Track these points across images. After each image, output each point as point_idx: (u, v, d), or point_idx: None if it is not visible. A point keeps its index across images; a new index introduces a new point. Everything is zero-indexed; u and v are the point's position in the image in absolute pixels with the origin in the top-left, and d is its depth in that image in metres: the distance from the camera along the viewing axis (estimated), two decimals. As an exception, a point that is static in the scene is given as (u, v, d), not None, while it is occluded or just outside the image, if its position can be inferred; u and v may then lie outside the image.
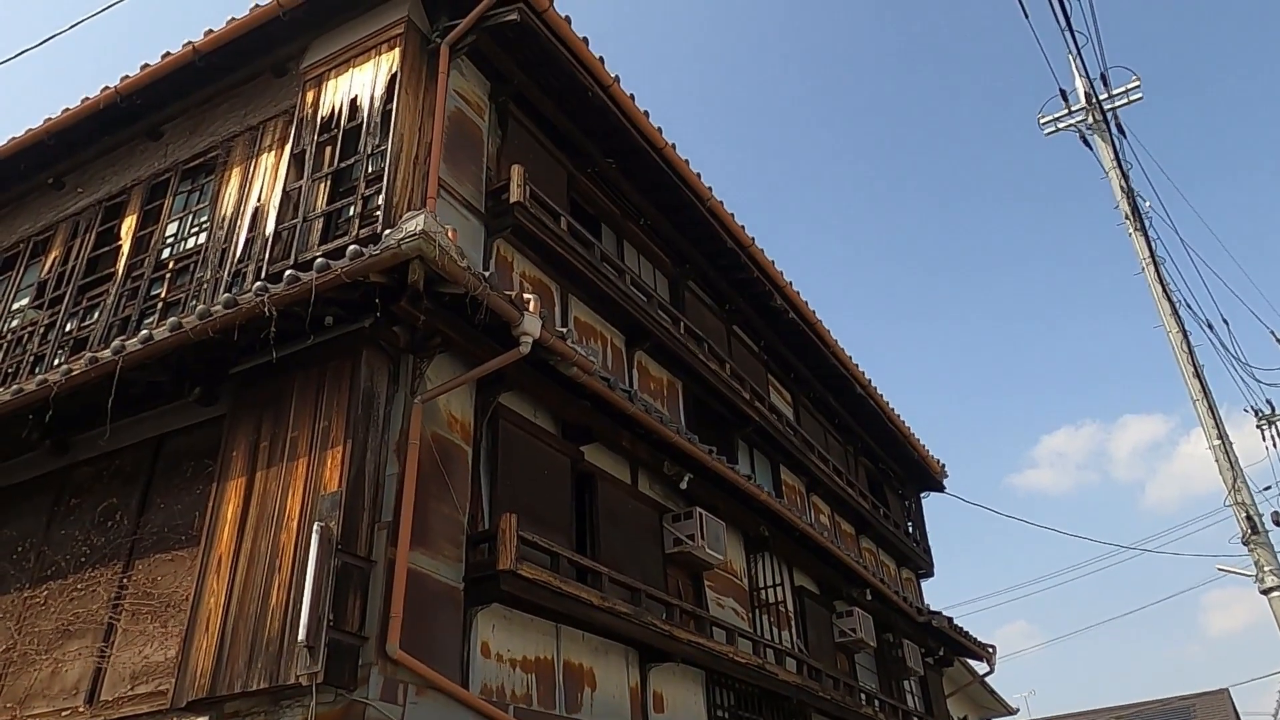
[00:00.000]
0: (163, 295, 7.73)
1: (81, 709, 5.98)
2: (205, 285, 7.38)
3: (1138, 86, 14.01)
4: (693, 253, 11.10)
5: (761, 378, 12.53)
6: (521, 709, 6.17)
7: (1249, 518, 11.51)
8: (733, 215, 10.76)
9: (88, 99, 8.78)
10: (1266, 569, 11.02)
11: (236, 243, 7.47)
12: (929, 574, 17.33)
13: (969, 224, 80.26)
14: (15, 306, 9.06)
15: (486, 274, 5.97)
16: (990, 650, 16.18)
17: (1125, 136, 13.95)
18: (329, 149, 7.35)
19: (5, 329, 8.87)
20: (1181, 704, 30.12)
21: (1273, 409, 16.83)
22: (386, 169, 6.77)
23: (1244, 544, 11.70)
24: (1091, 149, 14.27)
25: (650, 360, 9.71)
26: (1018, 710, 22.76)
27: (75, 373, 6.38)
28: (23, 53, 7.52)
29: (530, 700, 6.34)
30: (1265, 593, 11.06)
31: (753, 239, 11.16)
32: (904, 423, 16.19)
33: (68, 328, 8.24)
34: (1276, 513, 12.61)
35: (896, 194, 74.59)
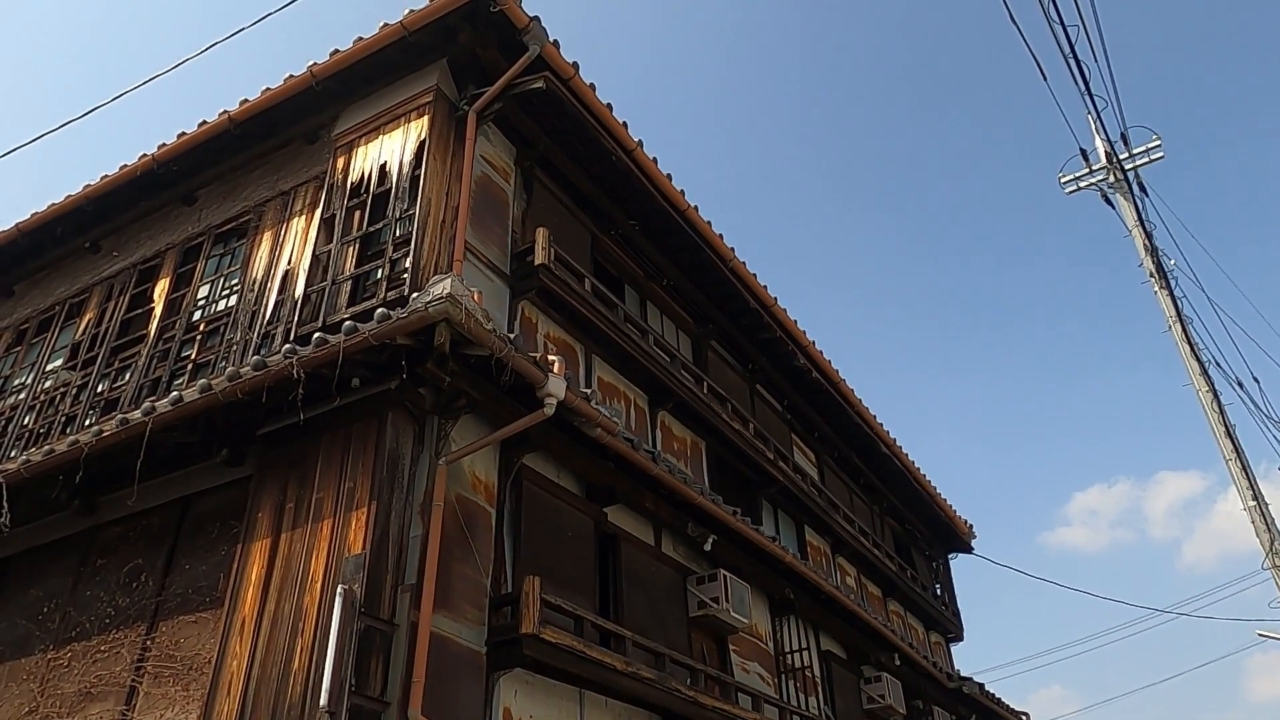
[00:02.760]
0: (193, 356, 7.85)
1: (101, 774, 5.93)
2: (235, 347, 7.49)
3: (1159, 145, 14.07)
4: (715, 313, 11.16)
5: (785, 437, 12.47)
6: (544, 777, 6.06)
7: (1288, 581, 11.23)
8: (755, 275, 10.84)
9: (125, 166, 9.04)
10: (1308, 634, 10.73)
11: (266, 305, 7.59)
12: (958, 638, 16.96)
13: (994, 281, 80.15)
14: (49, 367, 9.22)
15: (511, 336, 6.03)
16: (1024, 718, 15.75)
17: (1147, 194, 13.96)
18: (358, 213, 7.50)
19: (39, 389, 9.01)
20: (1224, 775, 29.12)
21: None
22: (414, 233, 6.89)
23: (1284, 608, 11.41)
24: (1114, 207, 14.32)
25: (673, 420, 9.70)
26: (1053, 780, 22.04)
27: (106, 434, 6.46)
28: (68, 123, 7.77)
29: (552, 768, 6.22)
30: (1308, 659, 10.75)
31: (775, 299, 11.21)
32: (930, 483, 16.01)
33: (99, 388, 8.37)
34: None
35: (919, 252, 74.77)
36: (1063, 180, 15.10)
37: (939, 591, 17.21)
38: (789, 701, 9.49)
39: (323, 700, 4.82)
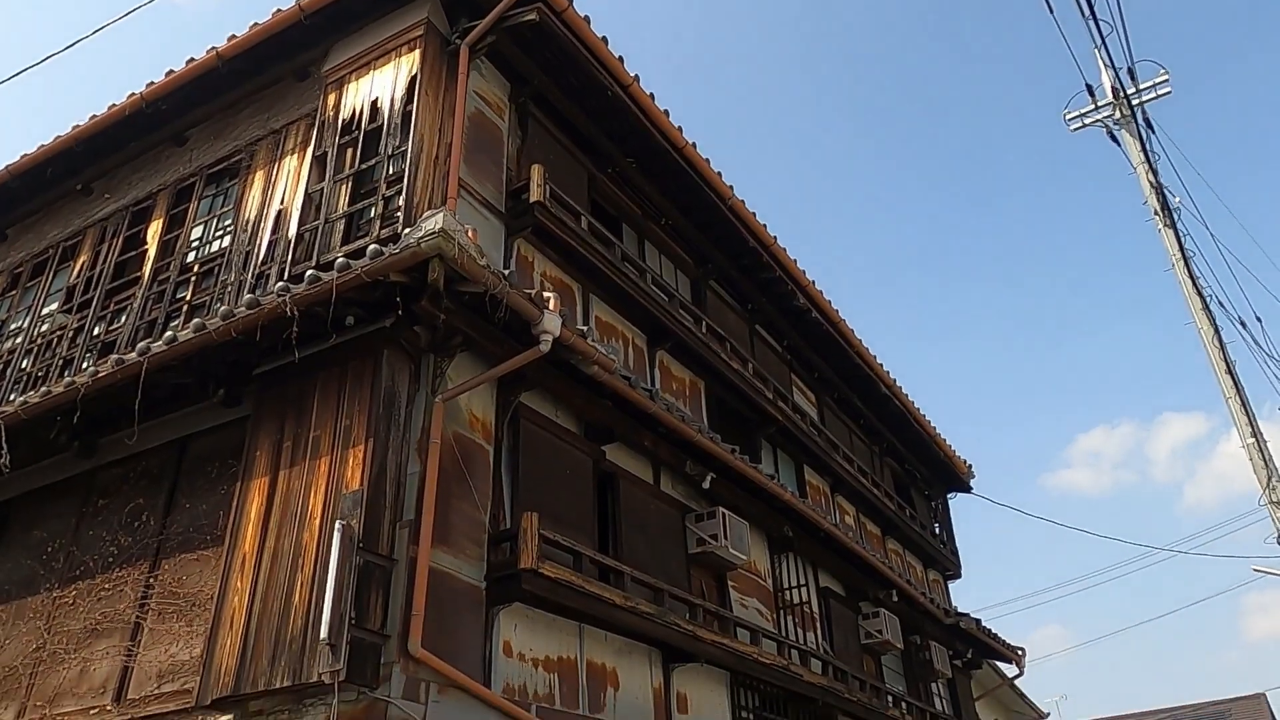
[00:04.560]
0: (188, 298, 7.80)
1: (109, 707, 6.04)
2: (229, 288, 7.44)
3: (1166, 80, 13.83)
4: (714, 252, 11.07)
5: (785, 378, 12.46)
6: (544, 709, 6.16)
7: (1284, 517, 11.30)
8: (754, 214, 10.73)
9: (114, 106, 8.89)
10: (1303, 569, 10.83)
11: (260, 245, 7.53)
12: (956, 576, 17.15)
13: (1000, 223, 79.58)
14: (45, 311, 9.18)
15: (506, 272, 5.97)
16: (1020, 653, 15.99)
17: (1153, 131, 13.76)
18: (350, 151, 7.39)
19: (35, 333, 8.99)
20: (1216, 709, 29.59)
21: (1308, 406, 16.52)
22: (407, 170, 6.80)
23: (1279, 543, 11.51)
24: (1119, 145, 14.13)
25: (672, 360, 9.68)
26: (1048, 715, 22.45)
27: (101, 375, 6.45)
28: (49, 57, 7.62)
29: (553, 700, 6.32)
30: (1302, 593, 10.86)
31: (775, 238, 11.11)
32: (930, 423, 16.04)
33: (95, 331, 8.34)
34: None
35: (924, 196, 74.10)
36: (1068, 117, 14.88)
37: (937, 530, 17.36)
38: (787, 636, 9.62)
39: (323, 633, 4.87)
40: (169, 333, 6.37)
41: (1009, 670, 17.10)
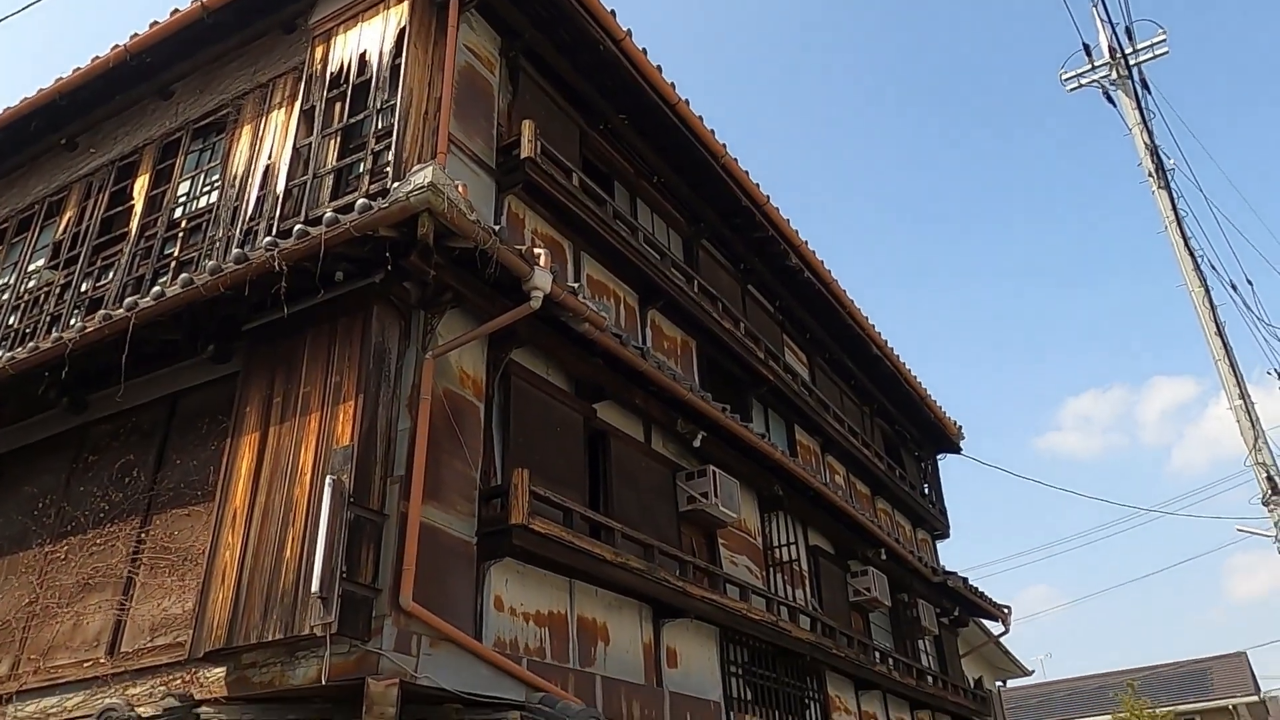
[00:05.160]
0: (176, 254, 7.74)
1: (102, 660, 6.09)
2: (218, 243, 7.38)
3: (1163, 40, 13.74)
4: (707, 211, 11.01)
5: (776, 338, 12.47)
6: (535, 661, 6.22)
7: (1269, 478, 11.43)
8: (747, 173, 10.65)
9: (98, 58, 8.75)
10: (1286, 529, 10.97)
11: (248, 200, 7.45)
12: (944, 535, 17.32)
13: (991, 185, 79.32)
14: (32, 267, 9.11)
15: (496, 228, 5.93)
16: (1005, 611, 16.21)
17: (1150, 92, 13.68)
18: (338, 105, 7.30)
19: (22, 290, 8.92)
20: (1198, 667, 30.17)
21: (1295, 370, 16.62)
22: (396, 124, 6.72)
23: (1264, 504, 11.64)
24: (1115, 105, 14.05)
25: (663, 319, 9.66)
26: (1033, 672, 22.88)
27: (89, 331, 6.42)
28: (24, 8, 7.47)
29: (544, 654, 6.39)
30: (1284, 552, 11.02)
31: (768, 197, 11.05)
32: (920, 384, 16.10)
33: (83, 287, 8.28)
34: (1298, 473, 12.51)
35: (917, 158, 73.71)
36: (1064, 77, 14.78)
37: (926, 491, 17.49)
38: (776, 593, 9.72)
39: (314, 587, 4.91)
40: (157, 288, 6.33)
41: (995, 628, 17.35)
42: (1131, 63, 13.59)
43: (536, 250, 6.20)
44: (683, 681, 7.82)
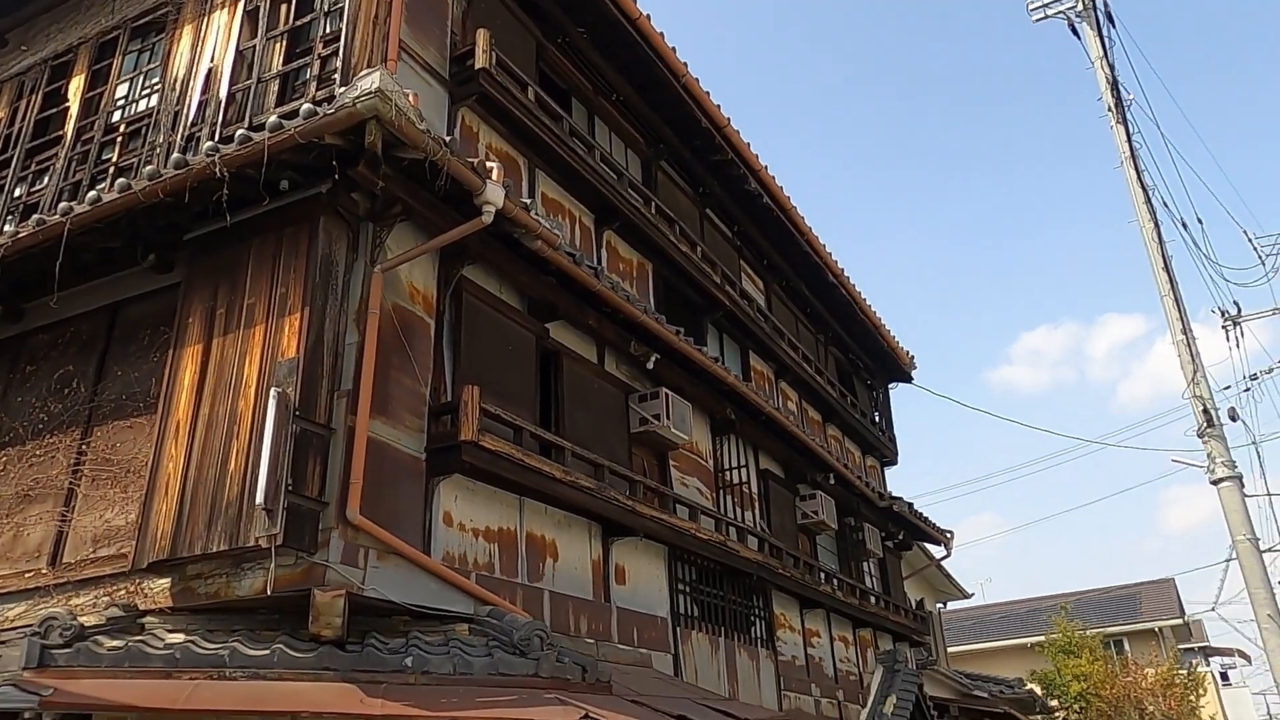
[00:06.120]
0: (114, 160, 7.45)
1: (44, 571, 6.03)
2: (158, 149, 7.12)
3: (1130, -29, 13.60)
4: (666, 132, 10.84)
5: (733, 263, 12.44)
6: (483, 576, 6.28)
7: (1205, 411, 11.75)
8: (709, 94, 10.47)
9: (27, -52, 8.28)
10: (1218, 461, 11.33)
11: (189, 105, 7.17)
12: (893, 462, 17.69)
13: (949, 121, 79.15)
14: (-38, 171, 8.72)
15: (448, 139, 5.78)
16: (948, 535, 16.70)
17: (1114, 25, 13.61)
18: (284, 6, 7.01)
19: (-48, 194, 8.55)
20: (1128, 592, 31.47)
21: (1239, 309, 17.02)
22: (344, 28, 6.47)
23: (1199, 436, 11.99)
24: (1079, 38, 13.97)
25: (619, 240, 9.57)
26: (973, 595, 23.73)
27: (22, 236, 6.19)
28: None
29: (492, 569, 6.45)
30: (1215, 483, 11.40)
31: (728, 119, 10.90)
32: (875, 313, 16.24)
33: (17, 193, 7.97)
34: (1233, 409, 12.90)
35: (875, 94, 73.12)
36: (1031, 7, 14.63)
37: (877, 418, 17.80)
38: (726, 514, 9.88)
39: (259, 498, 4.87)
40: (93, 194, 6.10)
41: (937, 552, 17.90)
42: (1097, -8, 13.47)
43: (489, 164, 6.06)
44: (630, 598, 7.97)
